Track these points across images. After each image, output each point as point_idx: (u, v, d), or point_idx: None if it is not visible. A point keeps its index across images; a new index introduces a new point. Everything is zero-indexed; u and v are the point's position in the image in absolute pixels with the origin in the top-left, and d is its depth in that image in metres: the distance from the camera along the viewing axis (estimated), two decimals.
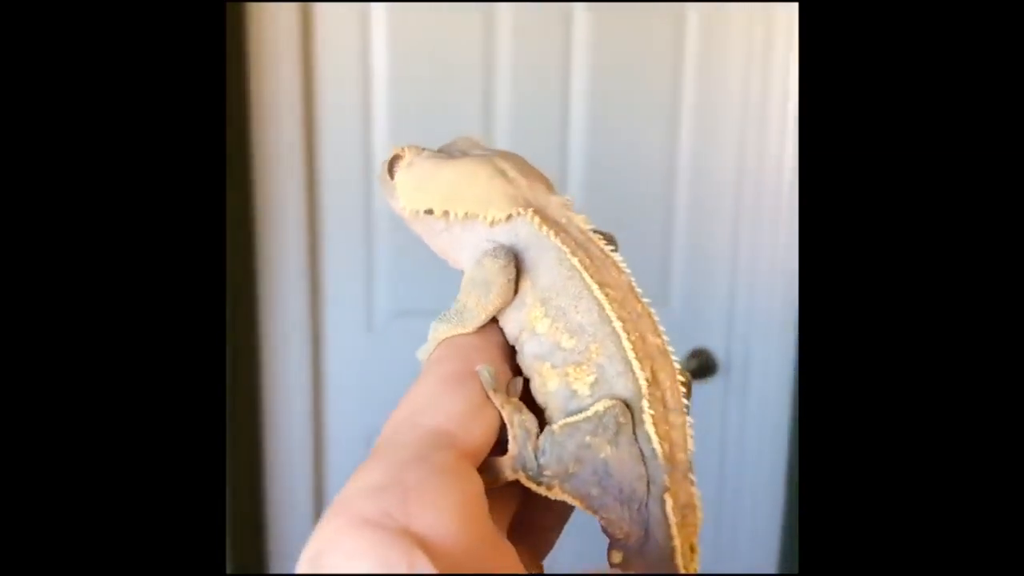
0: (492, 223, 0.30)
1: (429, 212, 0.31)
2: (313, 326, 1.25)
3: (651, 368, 0.29)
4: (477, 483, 0.26)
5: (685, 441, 0.28)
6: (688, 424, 0.29)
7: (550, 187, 0.32)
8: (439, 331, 0.30)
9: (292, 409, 1.25)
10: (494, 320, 0.30)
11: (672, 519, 0.28)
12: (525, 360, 0.30)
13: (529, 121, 1.23)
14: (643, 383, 0.28)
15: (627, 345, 0.28)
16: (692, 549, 0.28)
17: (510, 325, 0.30)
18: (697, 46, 1.24)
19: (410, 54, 1.19)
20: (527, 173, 0.32)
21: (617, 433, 0.28)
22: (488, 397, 0.28)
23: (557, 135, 1.23)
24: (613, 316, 0.29)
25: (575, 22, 1.21)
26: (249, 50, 1.13)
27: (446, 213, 0.31)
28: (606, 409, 0.28)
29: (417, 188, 0.31)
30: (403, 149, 0.33)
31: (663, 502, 0.28)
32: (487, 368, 0.28)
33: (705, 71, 1.25)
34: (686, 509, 0.28)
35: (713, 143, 1.28)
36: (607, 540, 0.29)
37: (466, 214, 0.30)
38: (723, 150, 1.28)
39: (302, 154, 1.18)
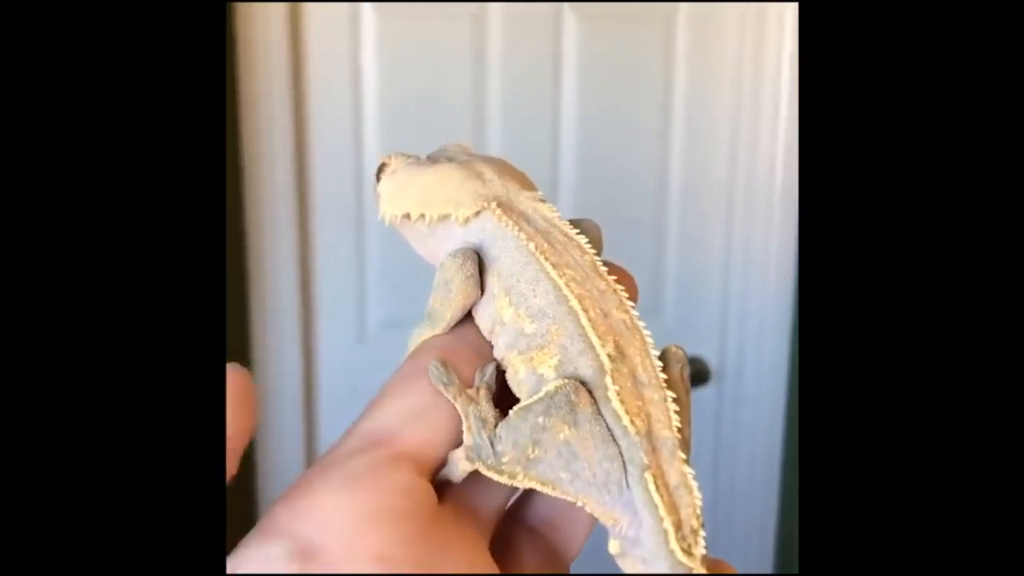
0: (465, 221, 0.31)
1: (407, 217, 0.32)
2: (304, 338, 1.24)
3: (615, 343, 0.28)
4: (406, 481, 0.26)
5: (668, 417, 0.27)
6: (669, 399, 0.28)
7: (526, 185, 0.32)
8: (414, 337, 0.31)
9: (284, 421, 1.25)
10: (470, 318, 0.30)
11: (657, 500, 0.26)
12: (499, 352, 0.29)
13: (519, 123, 1.23)
14: (604, 359, 0.27)
15: (585, 322, 0.28)
16: (694, 531, 0.27)
17: (483, 320, 0.30)
18: (687, 47, 1.25)
19: (400, 55, 1.19)
20: (503, 174, 0.32)
21: (571, 412, 0.27)
22: (440, 393, 0.28)
23: (548, 137, 1.23)
24: (570, 295, 0.28)
25: (565, 22, 1.21)
26: (238, 51, 1.13)
27: (422, 216, 0.31)
28: (556, 388, 0.27)
29: (396, 194, 0.32)
30: (389, 157, 0.33)
31: (644, 481, 0.27)
32: (435, 363, 0.28)
33: (696, 73, 1.26)
34: (679, 489, 0.27)
35: (705, 148, 1.28)
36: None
37: (440, 215, 0.31)
38: (714, 155, 1.29)
39: (292, 158, 1.18)
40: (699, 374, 1.33)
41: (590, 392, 0.27)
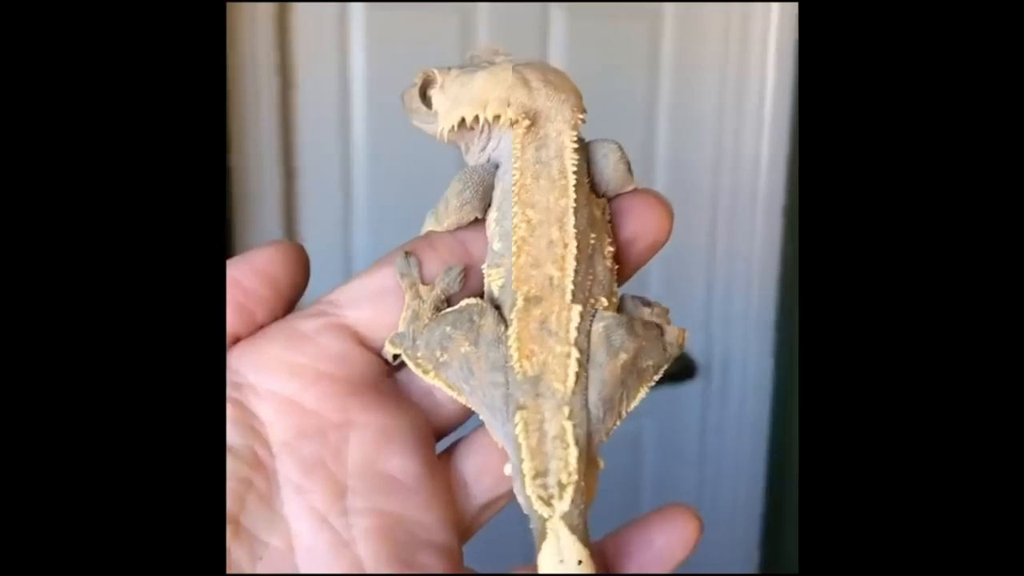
0: (511, 125, 0.31)
1: (462, 123, 0.32)
2: None
3: (532, 292, 0.29)
4: (338, 347, 0.29)
5: (565, 373, 0.28)
6: (573, 356, 0.28)
7: (573, 101, 0.33)
8: (426, 222, 0.32)
9: None
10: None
11: (522, 440, 0.27)
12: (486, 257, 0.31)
13: None
14: (519, 297, 0.29)
15: (511, 263, 0.29)
16: (562, 485, 0.27)
17: (488, 222, 0.31)
18: (673, 45, 1.25)
19: (388, 53, 1.18)
20: (550, 82, 0.32)
21: (472, 331, 0.29)
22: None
23: None
24: (514, 235, 0.29)
25: (552, 20, 1.22)
26: (225, 49, 1.12)
27: (477, 119, 0.31)
28: (467, 306, 0.29)
29: (453, 105, 0.32)
30: (434, 72, 0.34)
31: (514, 419, 0.28)
32: (402, 254, 0.30)
33: (681, 71, 1.26)
34: (555, 441, 0.27)
35: (689, 145, 1.29)
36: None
37: (494, 115, 0.31)
38: (699, 151, 1.29)
39: (279, 156, 1.17)
40: (685, 369, 1.34)
41: (504, 321, 0.29)
